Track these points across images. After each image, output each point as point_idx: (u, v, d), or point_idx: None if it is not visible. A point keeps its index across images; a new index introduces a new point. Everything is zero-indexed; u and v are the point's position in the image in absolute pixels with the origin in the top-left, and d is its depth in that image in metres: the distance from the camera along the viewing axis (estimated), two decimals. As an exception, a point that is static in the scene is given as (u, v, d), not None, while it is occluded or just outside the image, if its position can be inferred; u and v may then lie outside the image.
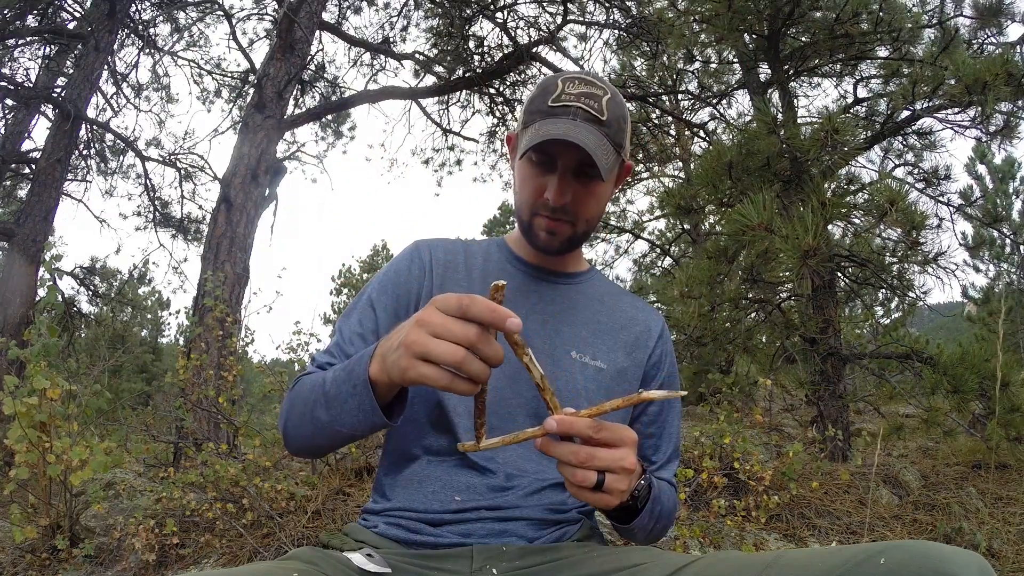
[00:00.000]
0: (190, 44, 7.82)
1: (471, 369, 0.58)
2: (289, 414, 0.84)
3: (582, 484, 0.63)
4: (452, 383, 0.59)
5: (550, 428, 0.61)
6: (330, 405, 0.75)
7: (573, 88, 0.85)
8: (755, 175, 3.41)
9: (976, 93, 3.01)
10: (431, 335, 0.59)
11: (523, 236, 0.95)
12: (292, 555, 0.72)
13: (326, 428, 0.77)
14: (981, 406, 3.10)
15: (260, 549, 2.31)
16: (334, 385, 0.75)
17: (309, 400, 0.79)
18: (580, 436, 0.62)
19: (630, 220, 9.80)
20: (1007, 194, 7.45)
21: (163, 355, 12.87)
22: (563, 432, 0.62)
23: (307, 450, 0.86)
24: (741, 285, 3.72)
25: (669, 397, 0.63)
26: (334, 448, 0.84)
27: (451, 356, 0.58)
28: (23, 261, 5.60)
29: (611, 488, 0.65)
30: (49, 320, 2.45)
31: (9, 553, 2.37)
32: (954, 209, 4.08)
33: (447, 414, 0.87)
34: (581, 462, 0.62)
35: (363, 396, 0.70)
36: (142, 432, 4.52)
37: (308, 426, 0.80)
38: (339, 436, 0.77)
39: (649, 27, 5.84)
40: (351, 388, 0.71)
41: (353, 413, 0.72)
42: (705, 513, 2.56)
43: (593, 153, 0.79)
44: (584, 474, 0.63)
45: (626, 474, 0.65)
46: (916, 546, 0.51)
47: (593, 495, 0.65)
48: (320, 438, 0.80)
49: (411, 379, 0.61)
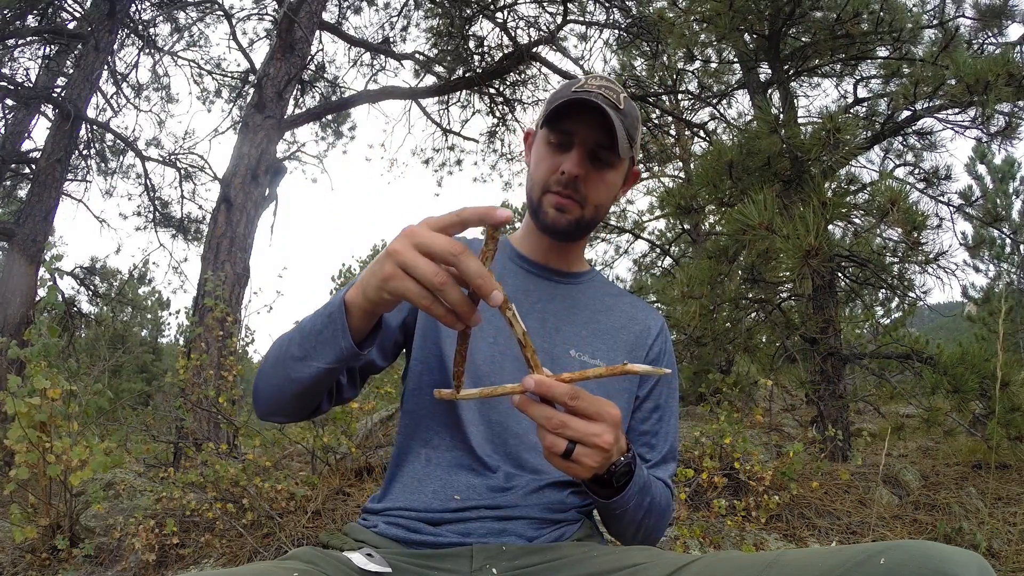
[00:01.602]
0: (190, 44, 7.82)
1: (452, 295, 0.57)
2: (263, 367, 0.82)
3: (550, 449, 0.63)
4: (432, 305, 0.58)
5: (527, 386, 0.61)
6: (304, 339, 0.74)
7: (595, 82, 0.90)
8: (755, 175, 3.41)
9: (977, 93, 3.01)
10: (416, 248, 0.58)
11: (531, 218, 0.96)
12: (292, 555, 0.72)
13: (297, 366, 0.75)
14: (981, 406, 3.10)
15: (260, 549, 2.31)
16: (311, 320, 0.74)
17: (284, 342, 0.78)
18: (556, 400, 0.62)
19: (630, 220, 9.79)
20: (1007, 194, 7.44)
21: (163, 355, 12.87)
22: (539, 393, 0.61)
23: (274, 402, 0.82)
24: (741, 285, 3.72)
25: (654, 373, 0.62)
26: (302, 399, 0.79)
27: (434, 277, 0.57)
28: (23, 261, 5.60)
29: (579, 460, 0.63)
30: (49, 320, 2.45)
31: (9, 553, 2.37)
32: (954, 209, 4.08)
33: (454, 407, 0.87)
34: (553, 427, 0.62)
35: (336, 319, 0.69)
36: (142, 432, 4.52)
37: (280, 371, 0.78)
38: (308, 376, 0.74)
39: (649, 27, 5.84)
40: (326, 317, 0.71)
41: (325, 342, 0.71)
42: (705, 513, 2.56)
43: (613, 121, 0.82)
44: (553, 439, 0.62)
45: (598, 450, 0.64)
46: (916, 546, 0.51)
47: (562, 463, 0.64)
48: (289, 383, 0.77)
49: (390, 289, 0.60)
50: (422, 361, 0.91)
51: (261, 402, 0.84)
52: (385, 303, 0.65)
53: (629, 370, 0.60)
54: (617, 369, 0.61)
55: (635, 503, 0.78)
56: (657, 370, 0.62)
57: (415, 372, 0.91)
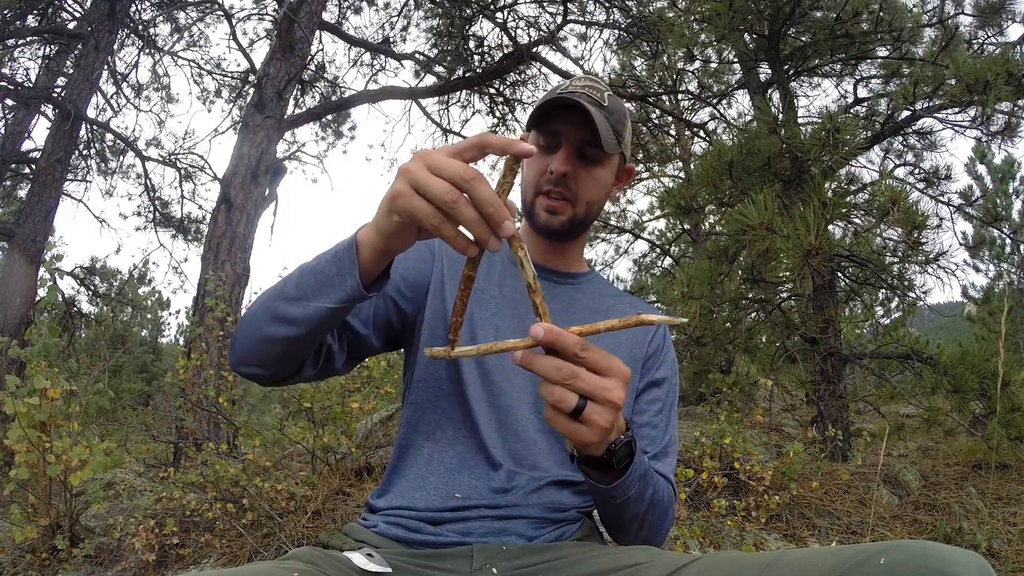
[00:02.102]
0: (190, 44, 7.82)
1: (466, 213, 0.54)
2: (248, 311, 0.77)
3: (558, 404, 0.58)
4: (442, 224, 0.55)
5: (536, 335, 0.57)
6: (304, 279, 0.71)
7: (579, 82, 0.91)
8: (755, 175, 3.41)
9: (977, 93, 3.01)
10: (429, 168, 0.56)
11: (526, 221, 0.97)
12: (292, 555, 0.72)
13: (292, 308, 0.71)
14: (981, 406, 3.10)
15: (260, 549, 2.31)
16: (315, 260, 0.71)
17: (279, 284, 0.74)
18: (566, 351, 0.57)
19: (630, 220, 9.78)
20: (1007, 194, 7.44)
21: (163, 355, 12.86)
22: (549, 342, 0.57)
23: (255, 349, 0.76)
24: (741, 285, 3.72)
25: (671, 322, 0.58)
26: (289, 348, 0.74)
27: (446, 195, 0.54)
28: (23, 261, 5.61)
29: (590, 419, 0.59)
30: (49, 320, 2.45)
31: (9, 553, 2.37)
32: (954, 209, 4.08)
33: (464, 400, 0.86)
34: (563, 378, 0.57)
35: (344, 257, 0.67)
36: (142, 432, 4.52)
37: (270, 312, 0.73)
38: (304, 318, 0.70)
39: (649, 27, 5.84)
40: (332, 256, 0.68)
41: (329, 280, 0.68)
42: (705, 513, 2.56)
43: (595, 118, 0.83)
44: (562, 393, 0.57)
45: (611, 408, 0.59)
46: (916, 546, 0.51)
47: (569, 424, 0.59)
48: (279, 325, 0.72)
49: (399, 207, 0.57)
50: (451, 361, 0.89)
51: (239, 347, 0.77)
52: (397, 233, 0.61)
53: (643, 320, 0.56)
54: (631, 320, 0.57)
55: (637, 491, 0.76)
56: (674, 319, 0.58)
57: (421, 365, 0.90)
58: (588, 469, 0.73)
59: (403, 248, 0.65)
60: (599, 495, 0.77)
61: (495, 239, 0.55)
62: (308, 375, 0.82)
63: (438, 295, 0.92)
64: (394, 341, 0.93)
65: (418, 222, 0.57)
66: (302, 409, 3.06)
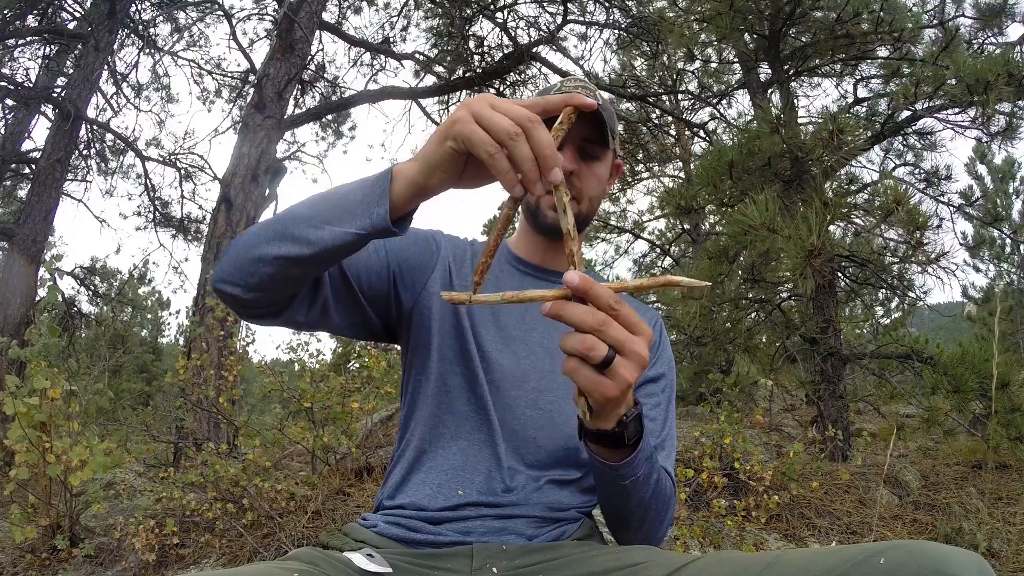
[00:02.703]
0: (190, 44, 7.82)
1: (520, 149, 0.55)
2: (250, 228, 0.74)
3: (588, 353, 0.56)
4: (496, 155, 0.56)
5: (571, 282, 0.56)
6: (320, 203, 0.68)
7: (571, 83, 0.93)
8: (756, 175, 3.41)
9: (977, 93, 3.01)
10: (491, 107, 0.57)
11: (528, 220, 0.97)
12: (292, 555, 0.72)
13: (299, 227, 0.68)
14: (981, 406, 3.10)
15: (260, 549, 2.31)
16: (339, 187, 0.70)
17: (289, 209, 0.72)
18: (599, 302, 0.56)
19: (630, 220, 9.79)
20: (1007, 194, 7.45)
21: (163, 355, 12.87)
22: (584, 289, 0.56)
23: (245, 264, 0.71)
24: (741, 285, 3.72)
25: (698, 285, 0.57)
26: (285, 269, 0.70)
27: (509, 127, 0.55)
28: (23, 261, 5.61)
29: (616, 372, 0.57)
30: (49, 320, 2.45)
31: (9, 553, 2.37)
32: (954, 209, 4.08)
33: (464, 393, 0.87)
34: (596, 324, 0.56)
35: (375, 184, 0.65)
36: (142, 432, 4.52)
37: (270, 230, 0.70)
38: (313, 240, 0.67)
39: (649, 27, 5.84)
40: (361, 182, 0.67)
41: (354, 207, 0.66)
42: (705, 513, 2.56)
43: (604, 115, 0.84)
44: (594, 341, 0.56)
45: (637, 364, 0.58)
46: (916, 546, 0.51)
47: (593, 376, 0.57)
48: (278, 242, 0.69)
49: (456, 133, 0.58)
50: (443, 357, 0.89)
51: (226, 263, 0.73)
52: (444, 164, 0.61)
53: (672, 281, 0.56)
54: (660, 280, 0.57)
55: (644, 473, 0.74)
56: (700, 282, 0.57)
57: (421, 362, 0.90)
58: (596, 447, 0.71)
59: (442, 187, 0.64)
60: (608, 477, 0.74)
61: (541, 184, 0.56)
62: (297, 314, 0.79)
63: (435, 296, 0.91)
64: (384, 317, 0.91)
65: (474, 149, 0.57)
66: (302, 409, 3.06)
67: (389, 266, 0.89)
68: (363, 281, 0.86)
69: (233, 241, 0.75)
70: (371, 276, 0.87)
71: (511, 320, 0.92)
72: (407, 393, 0.92)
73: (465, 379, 0.88)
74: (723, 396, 3.58)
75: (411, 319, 0.92)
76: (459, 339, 0.89)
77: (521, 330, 0.92)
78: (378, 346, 3.63)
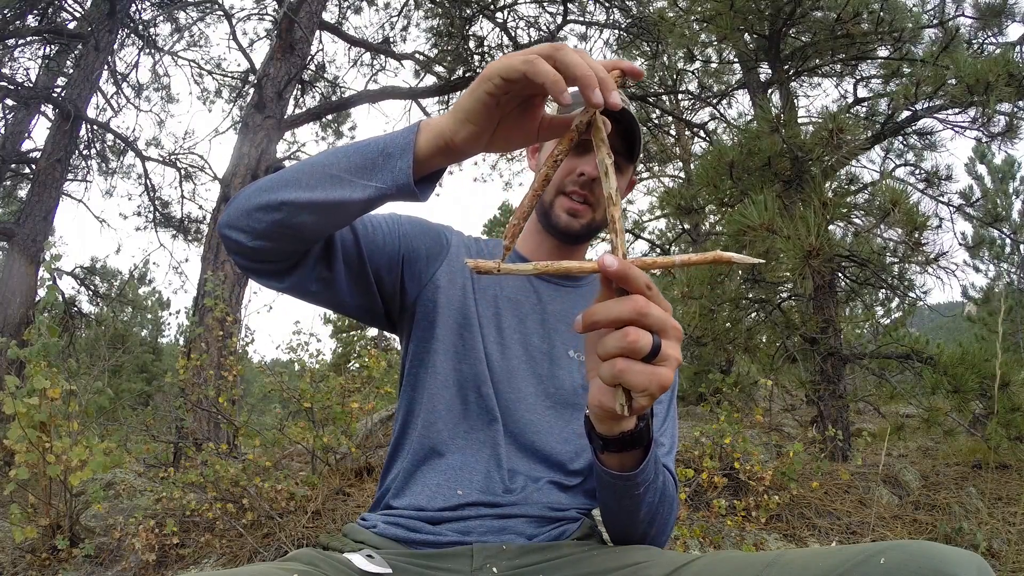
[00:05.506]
0: (190, 44, 7.82)
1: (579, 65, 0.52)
2: (261, 179, 0.71)
3: (635, 346, 0.50)
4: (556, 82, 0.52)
5: (608, 264, 0.51)
6: (338, 155, 0.65)
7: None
8: (756, 175, 3.41)
9: (977, 93, 3.02)
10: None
11: (540, 219, 0.95)
12: (292, 556, 0.72)
13: (313, 176, 0.65)
14: (981, 406, 3.10)
15: (260, 549, 2.31)
16: (355, 143, 0.66)
17: (308, 160, 0.69)
18: (633, 286, 0.52)
19: (630, 220, 9.79)
20: (1007, 194, 7.45)
21: (163, 355, 12.88)
22: (620, 273, 0.51)
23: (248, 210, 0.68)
24: (741, 285, 3.72)
25: (750, 262, 0.53)
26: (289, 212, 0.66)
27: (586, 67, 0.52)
28: (23, 261, 5.61)
29: (667, 355, 0.52)
30: (49, 320, 2.45)
31: (9, 553, 2.37)
32: (954, 209, 4.08)
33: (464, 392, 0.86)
34: (635, 314, 0.51)
35: (400, 137, 0.62)
36: (142, 432, 4.52)
37: (281, 178, 0.67)
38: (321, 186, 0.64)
39: (649, 27, 5.84)
40: (383, 137, 0.64)
41: (372, 160, 0.62)
42: (705, 513, 2.56)
43: (638, 131, 0.86)
44: (637, 333, 0.51)
45: (678, 337, 0.54)
46: (916, 546, 0.51)
47: (646, 370, 0.51)
48: (288, 188, 0.65)
49: (518, 66, 0.53)
50: (446, 354, 0.88)
51: (232, 208, 0.70)
52: (477, 113, 0.58)
53: (721, 257, 0.52)
54: (709, 256, 0.53)
55: (653, 476, 0.72)
56: (753, 259, 0.53)
57: (421, 359, 0.89)
58: (609, 458, 0.68)
59: (471, 146, 0.60)
60: (621, 489, 0.71)
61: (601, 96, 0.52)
62: (310, 287, 0.77)
63: (442, 290, 0.90)
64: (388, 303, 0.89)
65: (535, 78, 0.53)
66: (302, 409, 3.06)
67: (400, 251, 0.87)
68: (377, 261, 0.85)
69: (245, 187, 0.72)
70: (384, 259, 0.86)
71: (511, 323, 0.92)
72: (406, 386, 0.91)
73: (468, 378, 0.87)
74: (723, 396, 3.58)
75: (414, 311, 0.90)
76: (463, 337, 0.89)
77: (521, 333, 0.92)
78: (378, 346, 3.63)
